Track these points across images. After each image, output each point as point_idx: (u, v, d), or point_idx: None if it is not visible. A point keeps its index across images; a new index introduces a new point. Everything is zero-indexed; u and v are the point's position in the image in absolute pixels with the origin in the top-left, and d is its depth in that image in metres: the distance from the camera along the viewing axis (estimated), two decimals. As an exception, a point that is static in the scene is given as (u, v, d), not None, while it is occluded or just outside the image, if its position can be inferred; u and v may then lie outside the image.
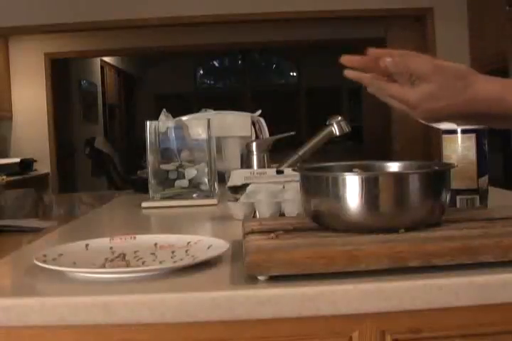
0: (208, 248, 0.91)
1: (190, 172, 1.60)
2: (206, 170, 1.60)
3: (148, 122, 1.61)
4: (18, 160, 5.63)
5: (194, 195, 1.60)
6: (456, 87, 0.85)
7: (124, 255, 0.90)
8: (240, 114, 1.99)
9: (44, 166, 6.00)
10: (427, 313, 0.75)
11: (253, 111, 2.03)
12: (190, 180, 1.60)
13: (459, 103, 0.86)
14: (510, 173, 4.05)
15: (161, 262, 0.87)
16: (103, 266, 0.85)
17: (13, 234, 2.57)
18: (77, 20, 4.75)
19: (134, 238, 0.99)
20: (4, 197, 3.11)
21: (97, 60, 8.12)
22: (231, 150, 1.91)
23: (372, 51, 0.88)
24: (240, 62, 11.18)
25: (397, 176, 0.90)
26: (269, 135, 1.99)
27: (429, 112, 0.87)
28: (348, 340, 0.75)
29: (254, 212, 1.25)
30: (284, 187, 1.31)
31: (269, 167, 1.71)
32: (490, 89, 0.87)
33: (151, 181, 1.59)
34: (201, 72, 11.29)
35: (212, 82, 11.45)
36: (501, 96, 0.86)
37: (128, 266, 0.86)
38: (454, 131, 1.17)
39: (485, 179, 1.17)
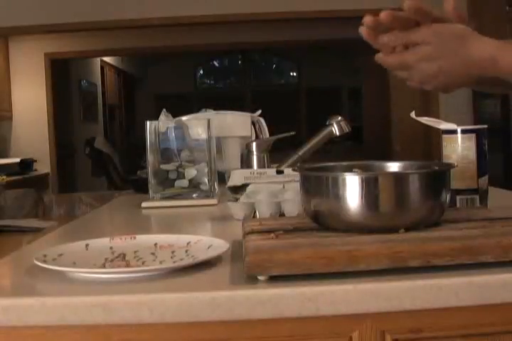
0: (208, 248, 0.91)
1: (190, 172, 1.60)
2: (206, 170, 1.60)
3: (148, 122, 1.61)
4: (18, 160, 5.64)
5: (194, 195, 1.60)
6: (452, 47, 0.86)
7: (124, 255, 0.90)
8: (240, 114, 1.99)
9: (44, 166, 6.00)
10: (427, 313, 0.75)
11: (253, 111, 2.02)
12: (190, 180, 1.60)
13: (455, 63, 0.86)
14: (510, 173, 4.05)
15: (161, 262, 0.87)
16: (103, 266, 0.85)
17: (13, 234, 2.57)
18: (77, 20, 4.75)
19: (134, 238, 0.99)
20: (4, 197, 3.11)
21: (97, 60, 8.12)
22: (231, 150, 1.91)
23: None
24: (240, 62, 11.18)
25: (397, 176, 0.90)
26: (269, 135, 1.98)
27: (425, 74, 0.87)
28: (348, 340, 0.75)
29: (254, 212, 1.25)
30: (284, 187, 1.31)
31: (269, 167, 1.71)
32: (484, 49, 0.86)
33: (151, 181, 1.59)
34: (201, 72, 11.30)
35: (212, 82, 11.46)
36: (493, 56, 0.86)
37: (128, 266, 0.86)
38: (454, 131, 1.17)
39: (485, 179, 1.17)
